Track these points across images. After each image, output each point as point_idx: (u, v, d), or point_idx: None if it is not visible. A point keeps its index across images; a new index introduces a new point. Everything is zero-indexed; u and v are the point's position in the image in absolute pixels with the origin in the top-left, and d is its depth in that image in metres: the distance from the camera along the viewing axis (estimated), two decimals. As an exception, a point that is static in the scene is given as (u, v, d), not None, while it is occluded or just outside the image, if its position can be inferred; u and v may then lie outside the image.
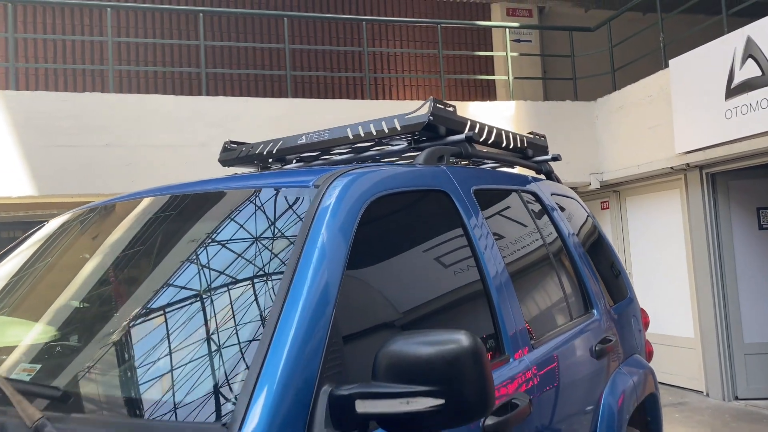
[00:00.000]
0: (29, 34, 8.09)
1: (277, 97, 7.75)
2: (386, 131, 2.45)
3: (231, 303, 1.50)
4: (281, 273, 1.45)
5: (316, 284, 1.41)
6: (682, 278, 6.95)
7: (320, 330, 1.35)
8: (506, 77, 7.92)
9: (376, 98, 9.33)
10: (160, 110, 6.36)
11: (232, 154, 2.92)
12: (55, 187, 6.05)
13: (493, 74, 10.08)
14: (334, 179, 1.70)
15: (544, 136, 3.41)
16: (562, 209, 3.05)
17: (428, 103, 2.38)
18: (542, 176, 3.34)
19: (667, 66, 6.72)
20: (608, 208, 8.05)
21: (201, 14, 6.70)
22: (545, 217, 2.80)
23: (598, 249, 3.27)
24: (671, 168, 6.69)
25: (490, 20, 10.15)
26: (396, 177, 1.89)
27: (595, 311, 2.72)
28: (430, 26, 10.00)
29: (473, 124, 2.64)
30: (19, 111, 5.93)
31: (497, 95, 10.30)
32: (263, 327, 1.34)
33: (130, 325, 1.55)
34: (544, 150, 3.37)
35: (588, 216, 3.42)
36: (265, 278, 1.51)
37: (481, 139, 2.58)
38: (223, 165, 2.96)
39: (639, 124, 7.12)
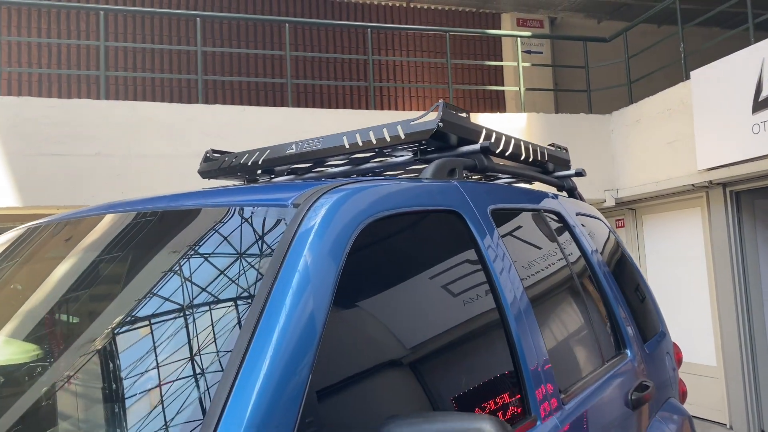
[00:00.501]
0: (16, 36, 7.80)
1: (277, 106, 7.43)
2: (388, 140, 2.10)
3: (190, 340, 1.15)
4: (248, 303, 1.12)
5: (294, 317, 1.07)
6: (704, 302, 6.55)
7: (299, 373, 1.01)
8: (517, 88, 7.57)
9: (381, 108, 9.01)
10: (153, 118, 6.03)
11: (214, 164, 2.57)
12: (40, 198, 5.72)
13: (502, 85, 9.75)
14: (319, 197, 1.34)
15: (565, 149, 3.06)
16: (589, 231, 2.68)
17: (438, 107, 2.03)
18: (563, 193, 2.99)
19: (688, 78, 6.36)
20: (623, 226, 7.67)
21: (198, 19, 6.39)
22: (571, 242, 2.44)
23: (627, 277, 2.90)
24: (692, 185, 6.32)
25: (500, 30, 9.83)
26: (398, 194, 1.53)
27: (628, 351, 2.35)
28: (438, 35, 9.69)
29: (488, 132, 2.29)
30: (3, 117, 5.62)
31: (506, 107, 9.96)
32: (224, 366, 1.02)
33: (75, 362, 1.24)
34: (565, 164, 3.02)
35: (616, 240, 3.06)
36: (231, 310, 1.17)
37: (497, 151, 2.22)
38: (203, 177, 2.62)
39: (658, 138, 6.75)
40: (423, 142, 2.09)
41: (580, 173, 2.89)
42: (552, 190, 2.94)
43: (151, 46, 6.63)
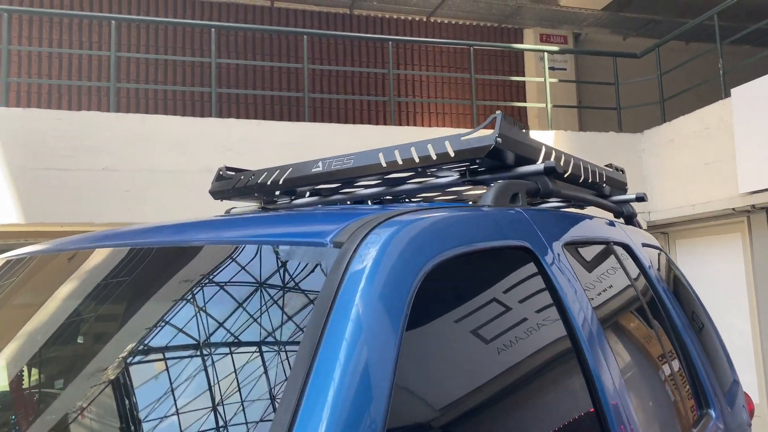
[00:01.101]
0: (23, 46, 7.59)
1: (293, 120, 7.15)
2: (434, 158, 1.76)
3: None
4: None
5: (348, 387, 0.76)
6: (744, 335, 6.13)
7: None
8: (543, 105, 7.25)
9: (400, 124, 8.71)
10: (164, 132, 5.76)
11: (227, 184, 2.25)
12: (43, 214, 5.44)
13: (524, 102, 9.43)
14: (368, 233, 1.01)
15: (622, 170, 2.71)
16: (656, 266, 2.33)
17: (494, 120, 1.70)
18: (620, 220, 2.64)
19: (728, 96, 6.01)
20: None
21: (213, 29, 6.14)
22: (643, 281, 2.09)
23: (698, 319, 2.54)
24: (733, 209, 5.93)
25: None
26: (463, 227, 1.21)
27: (712, 411, 1.98)
28: (459, 50, 9.41)
29: (548, 150, 1.96)
30: (7, 129, 5.36)
31: (529, 125, 9.63)
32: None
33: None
34: (623, 187, 2.67)
35: (681, 275, 2.70)
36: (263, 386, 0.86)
37: (562, 172, 1.89)
38: (215, 197, 2.29)
39: (694, 159, 6.38)
40: (476, 161, 1.75)
41: (641, 198, 2.54)
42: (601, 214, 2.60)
43: (164, 57, 6.39)
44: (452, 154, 1.74)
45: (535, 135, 6.91)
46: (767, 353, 5.83)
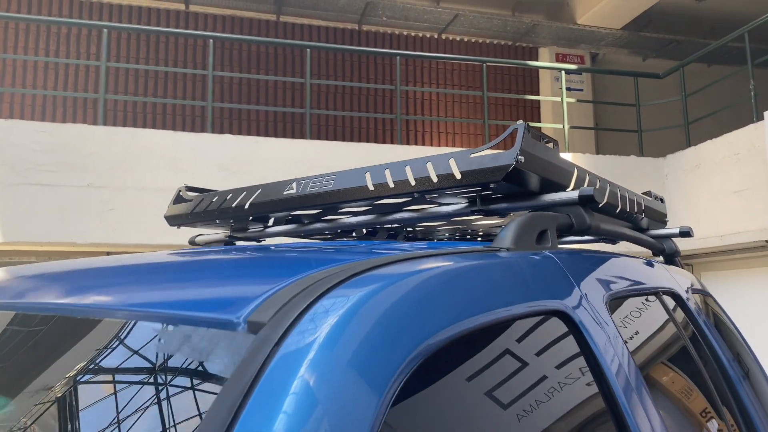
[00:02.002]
0: (7, 54, 7.31)
1: (295, 138, 6.79)
2: (434, 181, 1.36)
3: None
4: None
5: None
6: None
7: None
8: (560, 126, 6.85)
9: (408, 143, 8.34)
10: (155, 147, 5.41)
11: (186, 207, 1.85)
12: (23, 232, 5.08)
13: (539, 122, 9.03)
14: (314, 303, 0.61)
15: (662, 199, 2.29)
16: (704, 316, 1.90)
17: (517, 131, 1.30)
18: (659, 258, 2.22)
19: (760, 119, 5.58)
20: (677, 283, 6.79)
21: (211, 41, 5.81)
22: (693, 333, 1.67)
23: (753, 377, 2.09)
24: (765, 242, 5.47)
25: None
26: (473, 287, 0.79)
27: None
28: (471, 68, 9.06)
29: (581, 173, 1.55)
30: (-13, 141, 5.04)
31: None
32: None
33: None
34: (662, 219, 2.25)
35: (728, 320, 2.26)
36: None
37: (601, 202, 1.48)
38: (170, 223, 1.90)
39: (722, 186, 5.94)
40: (491, 185, 1.34)
41: (686, 233, 2.12)
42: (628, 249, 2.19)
43: (158, 68, 6.06)
44: (458, 176, 1.33)
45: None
46: (804, 400, 5.32)
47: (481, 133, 8.96)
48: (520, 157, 1.25)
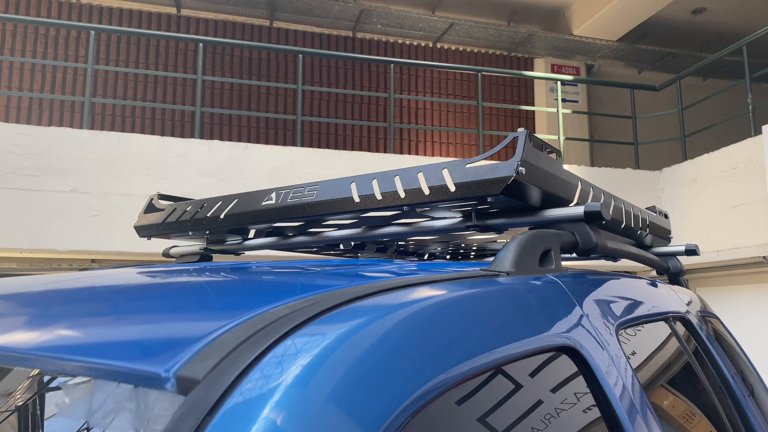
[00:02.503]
0: None
1: (286, 145, 6.66)
2: (426, 193, 1.23)
3: None
4: None
5: None
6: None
7: None
8: (555, 137, 6.75)
9: (401, 153, 8.22)
10: (141, 152, 5.27)
11: (157, 217, 1.71)
12: (2, 239, 4.92)
13: (534, 133, 8.92)
14: (266, 352, 0.47)
15: (666, 215, 2.18)
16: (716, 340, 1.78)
17: (518, 140, 1.17)
18: (662, 277, 2.10)
19: (758, 133, 5.50)
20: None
21: (201, 44, 5.69)
22: (705, 362, 1.54)
23: (747, 382, 1.98)
24: (763, 258, 5.37)
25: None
26: (469, 324, 0.66)
27: None
28: (465, 77, 8.97)
29: (585, 186, 1.44)
30: (-34, 143, 4.88)
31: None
32: None
33: None
34: (666, 235, 2.13)
35: (735, 343, 2.14)
36: None
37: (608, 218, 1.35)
38: (141, 234, 1.76)
39: (719, 201, 5.84)
40: (488, 199, 1.22)
41: (692, 251, 2.00)
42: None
43: (146, 72, 5.91)
44: (452, 189, 1.20)
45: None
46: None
47: (475, 144, 8.85)
48: (521, 168, 1.13)
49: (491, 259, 2.13)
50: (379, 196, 1.30)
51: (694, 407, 1.41)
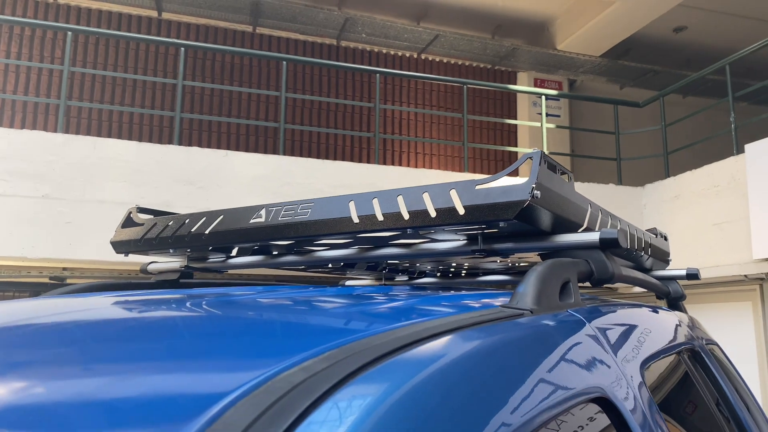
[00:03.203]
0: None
1: (267, 153, 6.54)
2: (432, 215, 1.14)
3: None
4: None
5: None
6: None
7: None
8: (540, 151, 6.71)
9: (384, 163, 8.14)
10: (117, 158, 5.11)
11: (136, 232, 1.60)
12: (-32, 244, 4.72)
13: (515, 146, 8.93)
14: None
15: (665, 237, 2.12)
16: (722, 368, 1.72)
17: (533, 160, 1.09)
18: (661, 302, 2.04)
19: (741, 152, 5.53)
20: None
21: (183, 49, 5.55)
22: (714, 392, 1.48)
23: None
24: (745, 276, 5.39)
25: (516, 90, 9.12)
26: (497, 391, 0.57)
27: None
28: (450, 89, 8.95)
29: (595, 210, 1.37)
30: (-68, 145, 4.68)
31: (519, 172, 9.12)
32: None
33: None
34: (665, 258, 2.08)
35: (736, 372, 2.08)
36: None
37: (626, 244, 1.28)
38: (117, 251, 1.64)
39: (701, 218, 5.86)
40: (501, 223, 1.13)
41: (694, 275, 1.94)
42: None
43: (125, 75, 5.76)
44: (461, 212, 1.11)
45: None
46: (782, 439, 5.21)
47: (459, 156, 8.82)
48: (536, 192, 1.05)
49: (485, 278, 2.03)
50: (380, 217, 1.21)
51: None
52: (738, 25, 8.51)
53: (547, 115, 8.75)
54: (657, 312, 1.51)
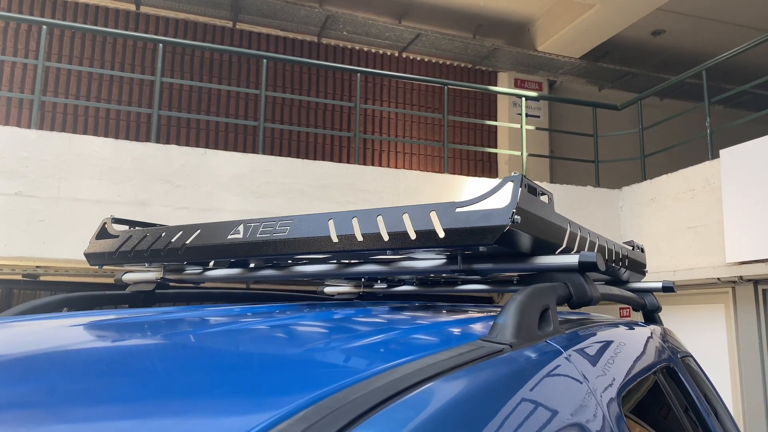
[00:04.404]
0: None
1: (246, 152, 6.48)
2: (412, 237, 1.13)
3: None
4: None
5: None
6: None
7: None
8: (518, 153, 6.76)
9: (364, 163, 8.12)
10: (93, 155, 5.02)
11: (110, 244, 1.57)
12: (-63, 242, 4.61)
13: (495, 147, 8.97)
14: None
15: (642, 249, 2.14)
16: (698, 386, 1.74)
17: (512, 184, 1.09)
18: (636, 313, 2.06)
19: (715, 156, 5.61)
20: (629, 316, 6.77)
21: (161, 44, 5.47)
22: (687, 406, 1.50)
23: (710, 403, 1.95)
24: (718, 279, 5.48)
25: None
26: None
27: None
28: (429, 89, 8.95)
29: (574, 230, 1.36)
30: None
31: (498, 172, 9.17)
32: None
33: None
34: (641, 270, 2.09)
35: (710, 384, 2.11)
36: None
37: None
38: (92, 262, 1.61)
39: (676, 221, 5.95)
40: (481, 248, 1.13)
41: (669, 288, 1.96)
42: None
43: (100, 71, 5.65)
44: (441, 235, 1.10)
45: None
46: (751, 429, 5.32)
47: (439, 155, 8.83)
48: (516, 217, 1.04)
49: (464, 286, 2.02)
50: (359, 237, 1.20)
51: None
52: (715, 30, 8.63)
53: (527, 115, 8.81)
54: (633, 329, 1.52)
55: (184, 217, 5.11)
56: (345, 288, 2.07)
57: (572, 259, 1.17)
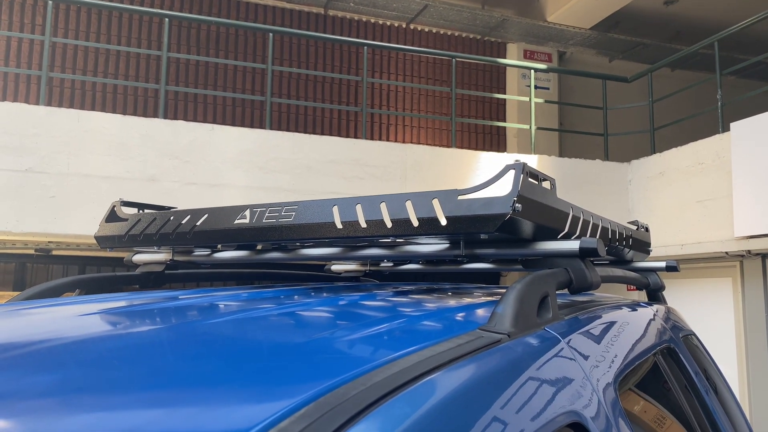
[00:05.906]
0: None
1: (254, 127, 6.48)
2: (415, 224, 1.15)
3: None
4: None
5: None
6: (731, 384, 5.66)
7: None
8: (527, 126, 6.72)
9: (372, 138, 8.10)
10: (102, 131, 5.04)
11: (120, 227, 1.60)
12: (-50, 219, 4.67)
13: (504, 121, 8.91)
14: None
15: (647, 228, 2.14)
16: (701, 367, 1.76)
17: (514, 172, 1.10)
18: (640, 292, 2.08)
19: (726, 130, 5.56)
20: (635, 289, 6.79)
21: (167, 19, 5.44)
22: (690, 392, 1.52)
23: (710, 379, 1.98)
24: (726, 253, 5.47)
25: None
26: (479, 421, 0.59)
27: None
28: (437, 62, 8.87)
29: (576, 214, 1.37)
30: None
31: (507, 146, 9.13)
32: None
33: None
34: (646, 249, 2.10)
35: (713, 363, 2.13)
36: None
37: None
38: (102, 245, 1.64)
39: (685, 195, 5.92)
40: (482, 236, 1.15)
41: (673, 267, 1.97)
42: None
43: (107, 46, 5.64)
44: (444, 222, 1.12)
45: (517, 159, 6.37)
46: (757, 402, 5.37)
47: (447, 128, 8.79)
48: (517, 205, 1.06)
49: (469, 265, 2.05)
50: (363, 224, 1.22)
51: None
52: (728, -1, 8.46)
53: (536, 87, 8.72)
54: (635, 310, 1.54)
55: (193, 193, 5.15)
56: (352, 266, 2.10)
57: (573, 245, 1.18)
